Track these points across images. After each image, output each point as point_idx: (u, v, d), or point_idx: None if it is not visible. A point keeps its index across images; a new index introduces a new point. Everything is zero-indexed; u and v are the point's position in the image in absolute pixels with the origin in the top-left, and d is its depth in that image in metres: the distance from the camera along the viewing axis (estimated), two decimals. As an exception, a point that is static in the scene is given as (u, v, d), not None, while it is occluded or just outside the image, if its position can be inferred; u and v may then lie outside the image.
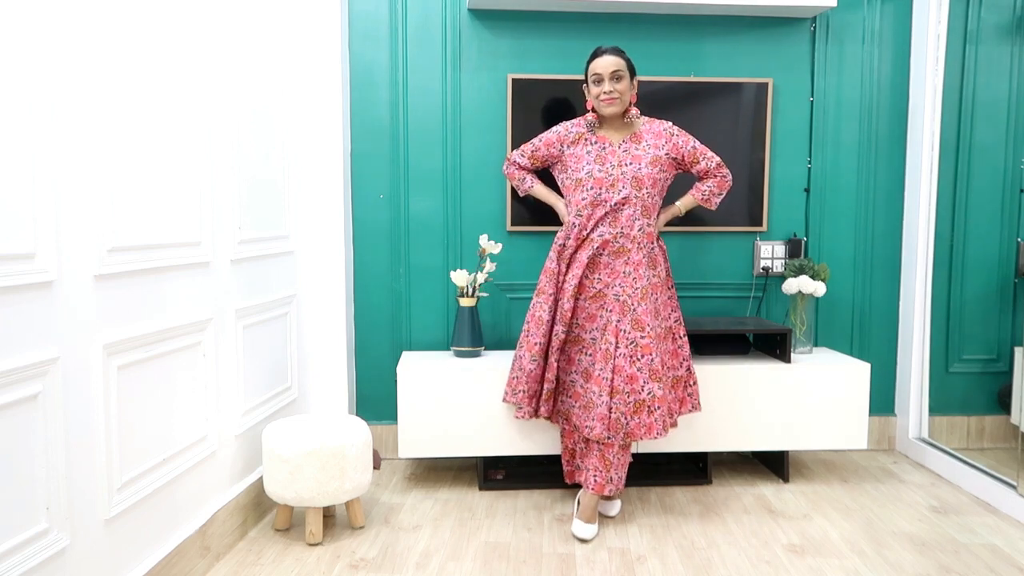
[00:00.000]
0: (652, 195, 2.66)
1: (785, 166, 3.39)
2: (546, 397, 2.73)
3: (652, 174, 2.64)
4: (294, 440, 2.47)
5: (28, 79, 1.57)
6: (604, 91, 2.59)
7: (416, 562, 2.41)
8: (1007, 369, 3.38)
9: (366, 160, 3.28)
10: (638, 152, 2.66)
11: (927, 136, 3.30)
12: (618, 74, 2.59)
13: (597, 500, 2.63)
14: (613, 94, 2.59)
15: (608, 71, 2.58)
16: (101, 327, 1.83)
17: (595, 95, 2.63)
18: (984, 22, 3.29)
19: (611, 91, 2.58)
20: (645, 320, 2.57)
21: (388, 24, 3.24)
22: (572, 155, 2.70)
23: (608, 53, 2.60)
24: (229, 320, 2.49)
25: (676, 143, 2.69)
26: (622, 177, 2.62)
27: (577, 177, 2.67)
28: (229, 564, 2.38)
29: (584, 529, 2.57)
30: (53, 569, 1.67)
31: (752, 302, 3.43)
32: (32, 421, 1.61)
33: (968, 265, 3.38)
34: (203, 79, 2.29)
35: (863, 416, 3.04)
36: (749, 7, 3.20)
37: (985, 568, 2.38)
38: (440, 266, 3.33)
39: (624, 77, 2.60)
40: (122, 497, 1.92)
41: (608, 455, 2.59)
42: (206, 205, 2.31)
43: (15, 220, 1.55)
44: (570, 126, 2.75)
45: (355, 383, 3.36)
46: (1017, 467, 2.83)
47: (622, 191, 2.61)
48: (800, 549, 2.51)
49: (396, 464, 3.32)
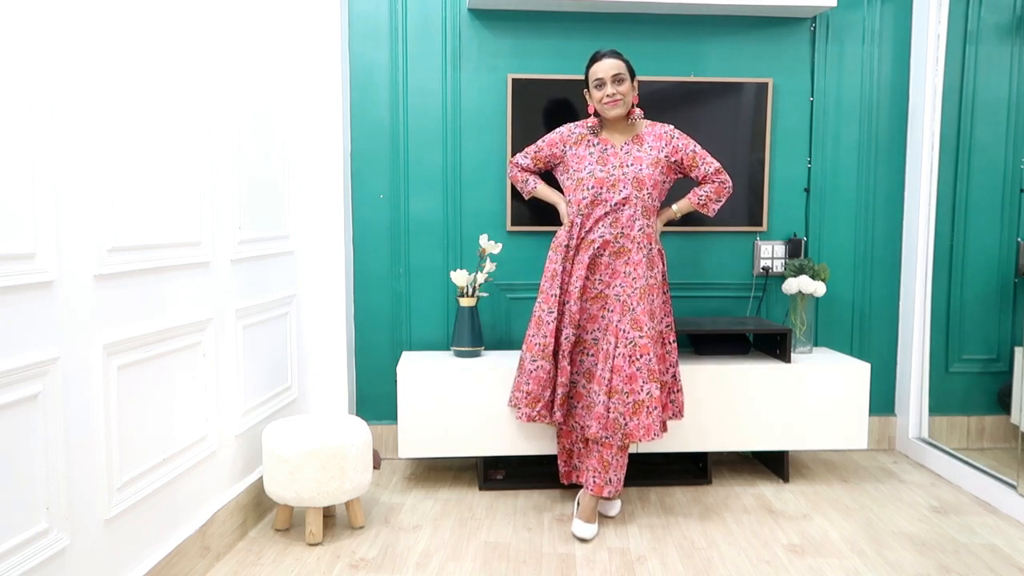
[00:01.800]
0: (652, 196, 2.66)
1: (785, 166, 3.39)
2: (560, 402, 2.71)
3: (653, 175, 2.65)
4: (294, 440, 2.47)
5: (28, 79, 1.57)
6: (607, 94, 2.60)
7: (416, 562, 2.41)
8: (1007, 369, 3.38)
9: (366, 160, 3.28)
10: (639, 154, 2.66)
11: (927, 136, 3.30)
12: (619, 77, 2.59)
13: (597, 500, 2.63)
14: (616, 96, 2.60)
15: (609, 74, 2.59)
16: (101, 327, 1.83)
17: (597, 99, 2.63)
18: (984, 22, 3.29)
19: (613, 94, 2.59)
20: (643, 320, 2.57)
21: (388, 24, 3.24)
22: (574, 155, 2.71)
23: (607, 56, 2.61)
24: (229, 320, 2.49)
25: (676, 146, 2.69)
26: (623, 178, 2.63)
27: (579, 177, 2.67)
28: (229, 564, 2.38)
29: (584, 529, 2.57)
30: (53, 569, 1.67)
31: (752, 302, 3.43)
32: (32, 421, 1.61)
33: (968, 265, 3.38)
34: (203, 79, 2.29)
35: (863, 416, 3.04)
36: (749, 7, 3.20)
37: (985, 568, 2.38)
38: (440, 266, 3.33)
39: (625, 79, 2.61)
40: (122, 497, 1.92)
41: (606, 456, 2.59)
42: (206, 205, 2.31)
43: (15, 220, 1.55)
44: (573, 127, 2.76)
45: (355, 383, 3.36)
46: (1017, 467, 2.83)
47: (623, 191, 2.62)
48: (800, 549, 2.51)
49: (396, 464, 3.32)
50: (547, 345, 2.69)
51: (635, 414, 2.53)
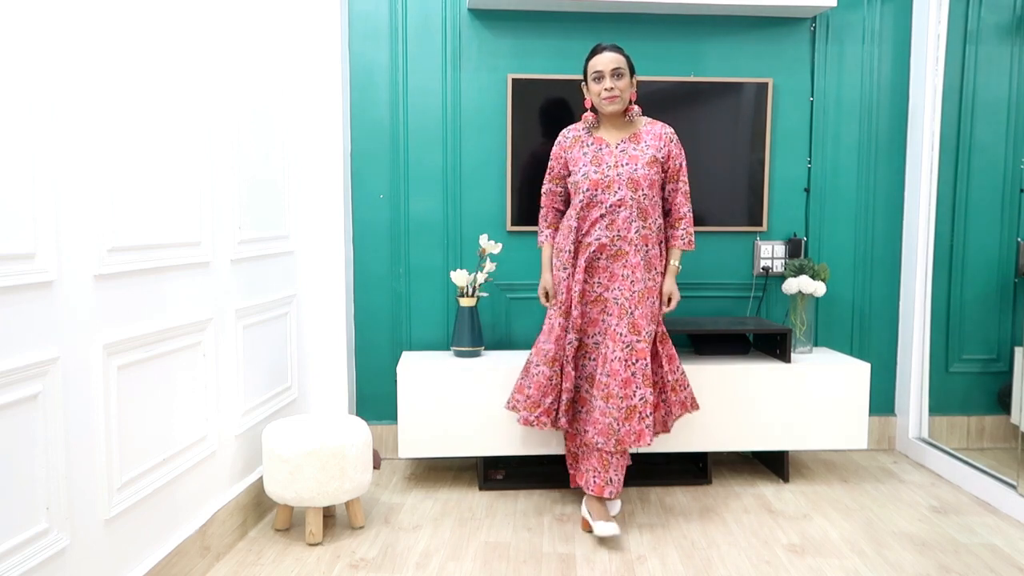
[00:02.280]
0: (650, 197, 2.62)
1: (785, 166, 3.39)
2: (565, 407, 2.69)
3: (649, 175, 2.61)
4: (294, 440, 2.47)
5: (28, 79, 1.57)
6: (605, 88, 2.56)
7: (416, 562, 2.41)
8: (1007, 369, 3.38)
9: (366, 160, 3.28)
10: (635, 152, 2.62)
11: (927, 136, 3.30)
12: (619, 71, 2.56)
13: (601, 500, 2.63)
14: (614, 91, 2.56)
15: (609, 68, 2.55)
16: (101, 327, 1.83)
17: (595, 93, 2.60)
18: (984, 22, 3.29)
19: (612, 88, 2.56)
20: (641, 324, 2.56)
21: (388, 24, 3.24)
22: (571, 159, 2.69)
23: (608, 50, 2.58)
24: (229, 320, 2.49)
25: (671, 151, 2.66)
26: (618, 178, 2.59)
27: (575, 180, 2.65)
28: (229, 564, 2.38)
29: (604, 527, 2.49)
30: (53, 569, 1.67)
31: (752, 302, 3.43)
32: (32, 421, 1.61)
33: (968, 265, 3.38)
34: (203, 79, 2.29)
35: (863, 416, 3.04)
36: (749, 7, 3.20)
37: (985, 568, 2.38)
38: (440, 266, 3.33)
39: (625, 74, 2.58)
40: (122, 497, 1.92)
41: (606, 457, 2.58)
42: (206, 205, 2.31)
43: (15, 220, 1.55)
44: (567, 132, 2.74)
45: (355, 383, 3.36)
46: (1017, 467, 2.83)
47: (618, 192, 2.58)
48: (800, 549, 2.51)
49: (396, 464, 3.32)
50: (549, 351, 2.67)
51: (627, 419, 2.53)
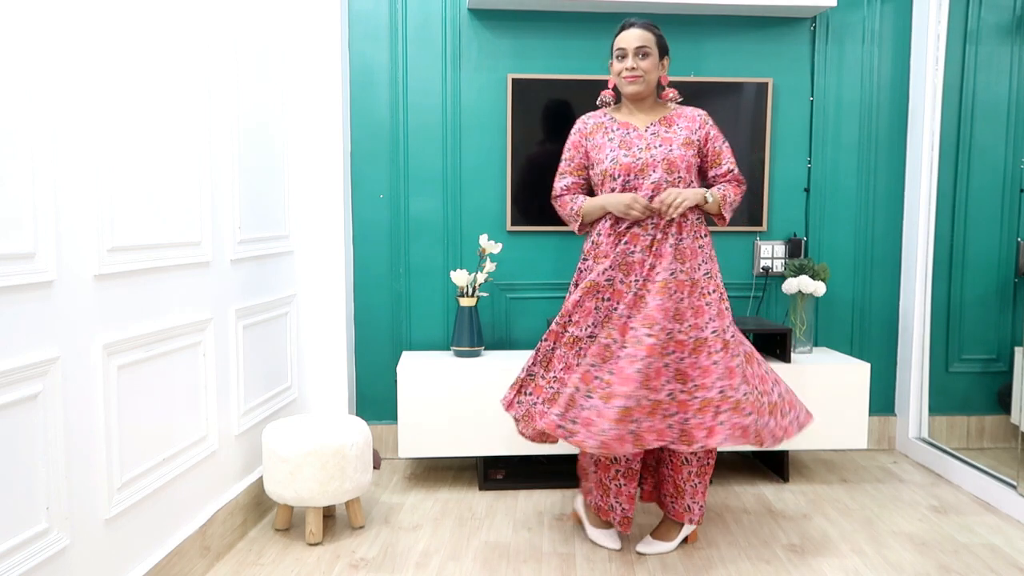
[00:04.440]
0: (687, 181, 2.37)
1: (785, 166, 3.39)
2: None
3: (686, 157, 2.35)
4: (294, 440, 2.47)
5: (28, 79, 1.57)
6: (627, 67, 2.34)
7: (416, 562, 2.41)
8: (1007, 369, 3.38)
9: (366, 160, 3.28)
10: (668, 135, 2.38)
11: (927, 136, 3.30)
12: (644, 50, 2.33)
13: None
14: (636, 71, 2.34)
15: (633, 46, 2.33)
16: (101, 327, 1.83)
17: (617, 71, 2.38)
18: (984, 22, 3.29)
19: (634, 68, 2.33)
20: (655, 316, 2.23)
21: (388, 24, 3.24)
22: (594, 146, 2.42)
23: (636, 26, 2.35)
24: (229, 320, 2.49)
25: (709, 133, 2.42)
26: (652, 161, 2.33)
27: (602, 168, 2.38)
28: (229, 564, 2.38)
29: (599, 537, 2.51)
30: (53, 569, 1.67)
31: (752, 302, 3.43)
32: (32, 421, 1.61)
33: (968, 265, 3.38)
34: (203, 79, 2.29)
35: (863, 416, 3.04)
36: (749, 7, 3.20)
37: (985, 568, 2.38)
38: (440, 266, 3.33)
39: (651, 54, 2.35)
40: (122, 497, 1.92)
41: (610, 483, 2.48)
42: (206, 205, 2.31)
43: (15, 220, 1.55)
44: (586, 118, 2.50)
45: (355, 383, 3.36)
46: (1017, 467, 2.83)
47: (652, 176, 2.33)
48: (800, 549, 2.51)
49: (396, 464, 3.32)
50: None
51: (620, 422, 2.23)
